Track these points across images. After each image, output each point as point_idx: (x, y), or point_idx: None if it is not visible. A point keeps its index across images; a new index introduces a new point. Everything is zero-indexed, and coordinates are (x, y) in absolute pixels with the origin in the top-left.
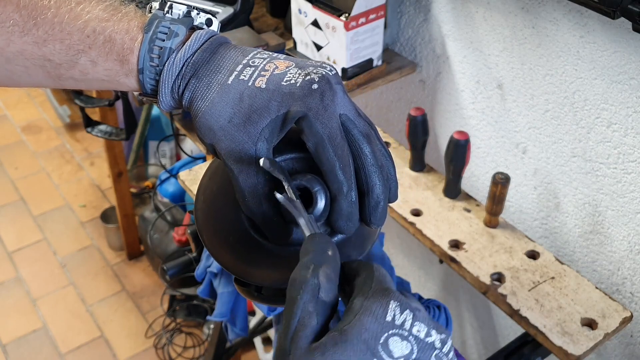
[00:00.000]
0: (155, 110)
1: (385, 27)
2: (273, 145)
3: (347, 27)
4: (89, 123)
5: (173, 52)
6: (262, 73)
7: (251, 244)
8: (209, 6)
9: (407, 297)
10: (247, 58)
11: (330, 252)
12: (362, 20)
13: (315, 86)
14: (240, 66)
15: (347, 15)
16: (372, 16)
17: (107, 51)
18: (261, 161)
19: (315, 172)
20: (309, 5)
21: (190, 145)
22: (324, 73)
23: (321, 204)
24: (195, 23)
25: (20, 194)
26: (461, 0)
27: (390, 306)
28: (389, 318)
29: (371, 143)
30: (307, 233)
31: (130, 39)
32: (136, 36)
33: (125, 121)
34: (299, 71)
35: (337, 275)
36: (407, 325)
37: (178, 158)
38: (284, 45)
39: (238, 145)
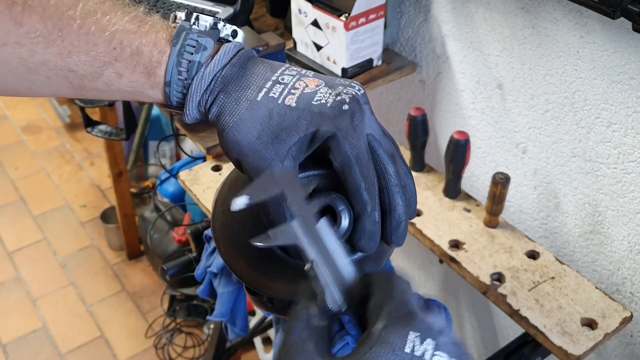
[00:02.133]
0: (155, 110)
1: (385, 27)
2: (299, 162)
3: (347, 27)
4: (89, 123)
5: (202, 65)
6: (292, 91)
7: (273, 258)
8: (209, 6)
9: (430, 319)
10: (277, 74)
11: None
12: (362, 20)
13: (346, 107)
14: (270, 83)
15: (347, 15)
16: (372, 16)
17: (134, 64)
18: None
19: (337, 189)
20: (309, 5)
21: (190, 145)
22: (353, 93)
23: (345, 222)
24: (222, 35)
25: (20, 194)
26: (461, 0)
27: (409, 337)
28: (407, 349)
29: (395, 163)
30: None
31: (158, 52)
32: (164, 49)
33: (125, 121)
34: (329, 90)
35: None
36: (428, 355)
37: (178, 158)
38: (284, 45)
39: (265, 162)
